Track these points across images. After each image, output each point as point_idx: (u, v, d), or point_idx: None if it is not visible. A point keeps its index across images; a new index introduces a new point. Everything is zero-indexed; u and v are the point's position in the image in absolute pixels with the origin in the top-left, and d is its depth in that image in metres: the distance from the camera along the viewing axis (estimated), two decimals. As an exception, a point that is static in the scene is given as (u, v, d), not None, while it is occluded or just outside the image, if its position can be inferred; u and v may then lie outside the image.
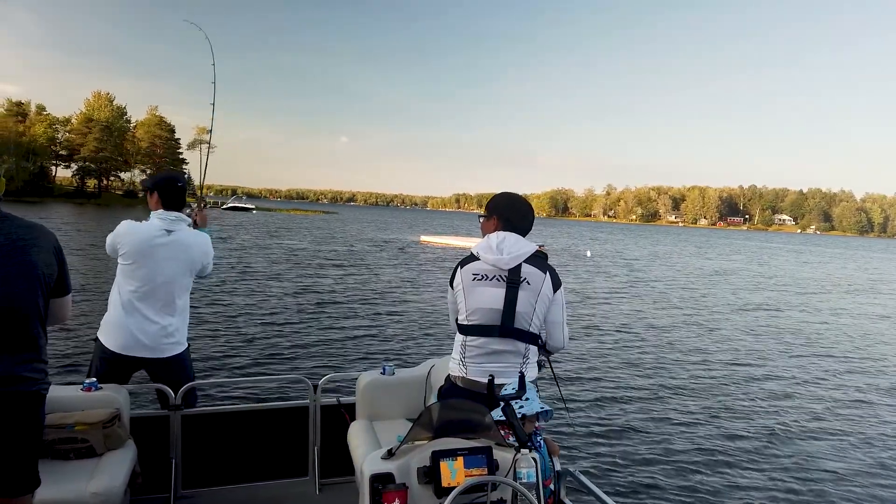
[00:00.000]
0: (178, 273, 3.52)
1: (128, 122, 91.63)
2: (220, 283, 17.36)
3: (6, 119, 78.00)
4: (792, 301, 22.26)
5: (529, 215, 2.88)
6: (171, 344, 3.51)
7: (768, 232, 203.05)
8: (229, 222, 55.57)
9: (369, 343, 11.50)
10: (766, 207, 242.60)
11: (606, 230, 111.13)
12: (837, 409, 9.12)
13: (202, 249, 3.66)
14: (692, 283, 26.46)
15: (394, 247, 36.86)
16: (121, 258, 3.45)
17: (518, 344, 2.70)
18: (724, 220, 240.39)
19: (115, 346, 3.40)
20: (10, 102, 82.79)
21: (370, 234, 49.77)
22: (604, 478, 6.14)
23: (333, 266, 24.66)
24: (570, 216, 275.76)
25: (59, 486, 2.55)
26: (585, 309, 17.10)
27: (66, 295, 2.43)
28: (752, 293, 24.03)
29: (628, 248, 53.76)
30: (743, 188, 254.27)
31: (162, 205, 3.54)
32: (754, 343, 13.84)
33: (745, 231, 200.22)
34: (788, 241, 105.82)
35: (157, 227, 3.48)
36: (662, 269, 32.57)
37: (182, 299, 3.59)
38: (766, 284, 28.03)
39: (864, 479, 6.59)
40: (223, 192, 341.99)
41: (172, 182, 3.60)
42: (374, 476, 2.12)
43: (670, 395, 9.23)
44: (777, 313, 18.88)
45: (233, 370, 9.14)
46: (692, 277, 29.09)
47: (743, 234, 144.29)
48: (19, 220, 2.23)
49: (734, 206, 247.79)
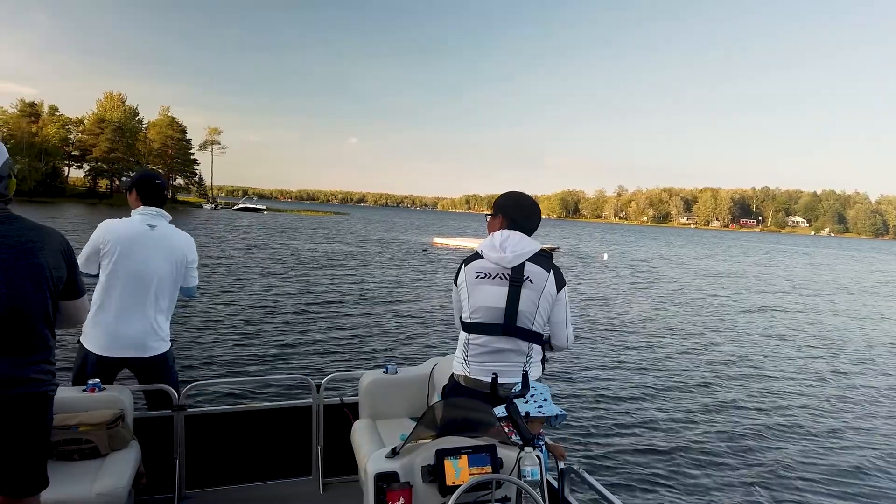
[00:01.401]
0: (163, 268, 3.47)
1: (140, 123, 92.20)
2: (223, 283, 17.38)
3: (19, 120, 78.62)
4: (802, 303, 22.12)
5: (535, 215, 2.85)
6: (156, 342, 3.46)
7: (781, 234, 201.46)
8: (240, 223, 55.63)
9: (372, 342, 11.45)
10: (779, 209, 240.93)
11: (619, 232, 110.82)
12: (840, 408, 9.08)
13: (186, 246, 3.62)
14: (708, 286, 26.26)
15: (407, 249, 36.84)
16: (104, 258, 3.39)
17: (521, 343, 2.67)
18: (737, 221, 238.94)
19: (99, 349, 3.35)
20: (23, 103, 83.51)
21: (384, 236, 49.81)
22: (608, 475, 6.13)
23: (340, 266, 24.68)
24: (581, 217, 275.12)
25: (64, 486, 2.54)
26: (600, 311, 16.98)
27: (80, 297, 2.40)
28: (766, 296, 23.88)
29: (642, 250, 53.51)
30: (756, 190, 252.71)
31: (142, 202, 3.54)
32: (762, 343, 13.72)
33: (757, 233, 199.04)
34: (804, 244, 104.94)
35: (140, 222, 3.47)
36: (678, 272, 32.41)
37: (167, 299, 3.53)
38: (780, 287, 27.88)
39: (872, 479, 6.53)
40: (234, 192, 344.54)
41: (150, 179, 3.60)
42: (378, 475, 2.10)
43: (676, 394, 9.21)
44: (782, 315, 18.78)
45: (236, 370, 9.13)
46: (709, 280, 28.90)
47: (756, 237, 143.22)
48: (28, 222, 2.22)
49: (747, 207, 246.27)
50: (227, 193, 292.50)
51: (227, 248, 29.67)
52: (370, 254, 31.30)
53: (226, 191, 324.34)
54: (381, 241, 42.98)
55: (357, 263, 25.92)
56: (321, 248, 33.55)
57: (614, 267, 32.59)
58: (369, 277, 21.24)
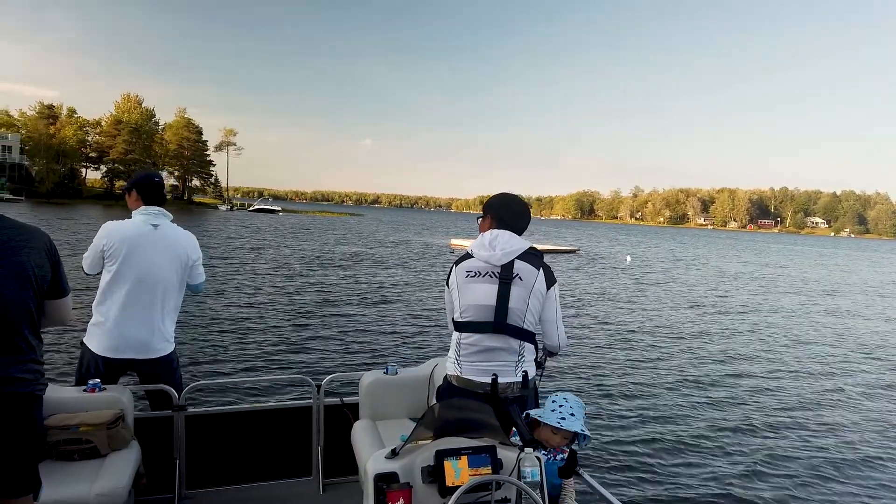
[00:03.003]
0: (167, 267, 3.45)
1: (156, 125, 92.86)
2: (225, 284, 17.47)
3: (37, 122, 79.39)
4: (820, 304, 21.90)
5: (524, 215, 2.89)
6: (161, 344, 3.45)
7: (800, 235, 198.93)
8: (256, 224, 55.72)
9: (372, 343, 11.43)
10: (797, 210, 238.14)
11: (636, 233, 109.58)
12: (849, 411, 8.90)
13: (189, 244, 3.60)
14: (733, 288, 25.81)
15: (425, 250, 36.69)
16: (108, 260, 3.37)
17: (512, 341, 2.66)
18: (755, 222, 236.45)
19: (104, 350, 3.33)
20: (42, 105, 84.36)
21: (402, 237, 49.79)
22: (609, 475, 6.11)
23: (348, 266, 24.71)
24: (597, 218, 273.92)
25: (64, 486, 2.55)
26: (626, 316, 16.72)
27: (64, 297, 2.39)
28: (787, 296, 23.59)
29: (663, 251, 52.81)
30: (774, 190, 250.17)
31: (142, 202, 3.52)
32: (776, 350, 13.47)
33: (776, 234, 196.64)
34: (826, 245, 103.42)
35: (142, 222, 3.45)
36: (699, 275, 32.03)
37: (172, 299, 3.52)
38: (804, 289, 27.59)
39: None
40: (250, 193, 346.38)
41: (149, 178, 3.59)
42: (378, 475, 2.10)
43: (679, 398, 9.07)
44: (801, 318, 18.53)
45: (236, 370, 9.12)
46: (733, 282, 28.53)
47: (774, 238, 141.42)
48: (12, 221, 2.21)
49: (765, 208, 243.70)
50: (242, 195, 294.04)
51: (236, 248, 29.71)
52: (385, 256, 31.14)
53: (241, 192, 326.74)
54: (395, 242, 42.89)
55: (368, 265, 25.84)
56: (332, 248, 33.54)
57: (636, 270, 31.89)
58: (376, 278, 21.21)
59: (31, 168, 76.53)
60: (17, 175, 75.52)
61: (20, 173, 76.09)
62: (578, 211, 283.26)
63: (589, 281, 24.88)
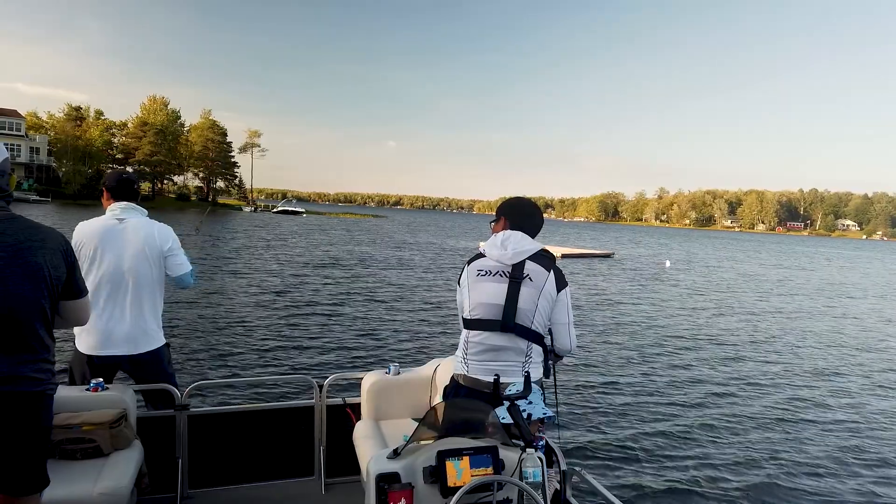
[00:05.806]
0: (138, 260, 3.42)
1: (182, 126, 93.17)
2: (228, 283, 17.63)
3: (64, 124, 80.00)
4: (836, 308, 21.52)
5: (535, 216, 2.91)
6: (145, 338, 3.43)
7: (831, 238, 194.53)
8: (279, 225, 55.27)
9: (375, 343, 11.43)
10: (828, 212, 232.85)
11: (664, 235, 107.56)
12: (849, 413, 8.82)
13: (160, 235, 3.52)
14: (765, 296, 24.83)
15: (455, 252, 36.14)
16: (81, 259, 3.32)
17: (519, 341, 2.65)
18: (784, 225, 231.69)
19: (89, 349, 3.34)
20: (70, 107, 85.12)
21: (430, 240, 49.53)
22: (610, 477, 6.08)
23: (361, 267, 24.66)
24: (621, 220, 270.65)
25: (66, 486, 2.55)
26: (673, 321, 16.37)
27: (81, 297, 2.38)
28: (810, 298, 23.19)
29: (701, 254, 51.36)
30: (803, 192, 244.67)
31: (112, 198, 3.52)
32: (780, 349, 13.29)
33: (805, 237, 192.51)
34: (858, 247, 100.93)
35: (109, 217, 3.46)
36: (732, 276, 31.37)
37: (149, 292, 3.47)
38: (828, 291, 27.01)
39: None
40: (274, 195, 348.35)
41: (117, 176, 3.59)
42: (380, 475, 2.12)
43: (681, 397, 9.07)
44: (811, 321, 18.23)
45: (239, 370, 9.11)
46: (766, 287, 27.78)
47: (803, 240, 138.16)
48: (27, 221, 2.21)
49: (794, 210, 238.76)
50: (266, 196, 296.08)
51: (243, 248, 29.76)
52: (406, 258, 30.57)
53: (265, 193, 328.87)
54: (437, 246, 42.32)
55: (380, 266, 25.52)
56: (353, 249, 33.35)
57: (679, 274, 30.43)
58: (383, 279, 21.08)
59: (58, 169, 77.11)
60: (45, 177, 76.32)
61: (47, 175, 76.83)
62: (602, 213, 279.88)
63: (628, 286, 23.89)
